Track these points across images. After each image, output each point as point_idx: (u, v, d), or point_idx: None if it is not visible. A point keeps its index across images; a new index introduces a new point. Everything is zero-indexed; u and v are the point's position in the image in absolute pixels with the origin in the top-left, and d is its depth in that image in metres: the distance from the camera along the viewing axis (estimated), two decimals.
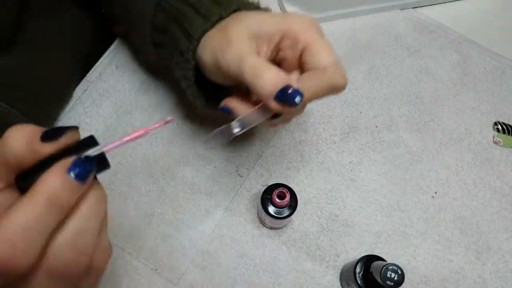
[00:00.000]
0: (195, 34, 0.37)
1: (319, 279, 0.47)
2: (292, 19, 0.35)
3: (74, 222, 0.23)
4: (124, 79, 0.54)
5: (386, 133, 0.54)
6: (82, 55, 0.55)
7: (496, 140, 0.55)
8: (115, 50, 0.56)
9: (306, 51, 0.35)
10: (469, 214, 0.51)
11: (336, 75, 0.34)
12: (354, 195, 0.51)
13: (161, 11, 0.40)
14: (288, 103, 0.32)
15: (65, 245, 0.22)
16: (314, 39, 0.34)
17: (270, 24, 0.35)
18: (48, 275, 0.22)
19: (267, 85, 0.32)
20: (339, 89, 0.35)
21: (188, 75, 0.39)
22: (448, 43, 0.60)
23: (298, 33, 0.35)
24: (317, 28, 0.36)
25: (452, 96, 0.57)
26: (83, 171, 0.22)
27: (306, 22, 0.35)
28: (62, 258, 0.23)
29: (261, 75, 0.32)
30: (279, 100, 0.32)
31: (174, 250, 0.47)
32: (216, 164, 0.51)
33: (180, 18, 0.38)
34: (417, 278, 0.48)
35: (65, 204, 0.22)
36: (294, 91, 0.32)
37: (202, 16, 0.37)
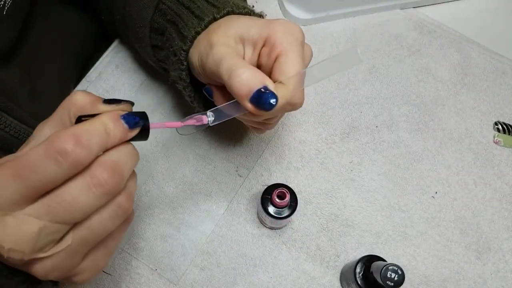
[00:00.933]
0: (189, 34, 0.37)
1: (319, 279, 0.47)
2: (274, 26, 0.35)
3: (121, 149, 0.28)
4: (124, 79, 0.54)
5: (386, 133, 0.54)
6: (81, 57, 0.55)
7: (497, 140, 0.55)
8: (115, 50, 0.56)
9: (277, 60, 0.34)
10: (470, 214, 0.51)
11: (294, 92, 0.33)
12: (354, 195, 0.51)
13: (159, 13, 0.40)
14: (263, 106, 0.32)
15: (112, 160, 0.27)
16: (287, 50, 0.34)
17: (255, 29, 0.35)
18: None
19: (242, 86, 0.32)
20: (295, 106, 0.34)
21: (182, 76, 0.39)
22: (448, 43, 0.60)
23: (276, 40, 0.34)
24: (297, 38, 0.35)
25: (452, 96, 0.57)
26: (132, 120, 0.28)
27: (287, 30, 0.34)
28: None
29: (237, 76, 0.32)
30: (254, 102, 0.32)
31: (174, 250, 0.47)
32: (216, 164, 0.51)
33: (176, 19, 0.39)
34: (418, 278, 0.48)
35: (114, 137, 0.27)
36: (269, 94, 0.32)
37: (197, 17, 0.37)
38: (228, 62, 0.33)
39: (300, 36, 0.35)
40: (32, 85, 0.45)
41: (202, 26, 0.37)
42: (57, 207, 0.25)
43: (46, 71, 0.47)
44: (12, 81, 0.42)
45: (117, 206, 0.27)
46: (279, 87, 0.33)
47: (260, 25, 0.35)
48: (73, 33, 0.52)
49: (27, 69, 0.44)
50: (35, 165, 0.24)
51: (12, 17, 0.38)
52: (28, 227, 0.25)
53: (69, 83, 0.53)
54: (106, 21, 0.52)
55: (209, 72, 0.35)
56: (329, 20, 0.60)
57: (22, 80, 0.43)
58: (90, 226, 0.27)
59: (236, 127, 0.52)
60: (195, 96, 0.41)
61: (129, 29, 0.46)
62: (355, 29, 0.60)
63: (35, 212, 0.25)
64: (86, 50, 0.56)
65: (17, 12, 0.39)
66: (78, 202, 0.25)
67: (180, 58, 0.38)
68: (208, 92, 0.39)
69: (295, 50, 0.34)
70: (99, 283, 0.45)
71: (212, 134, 0.52)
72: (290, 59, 0.33)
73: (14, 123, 0.42)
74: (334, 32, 0.60)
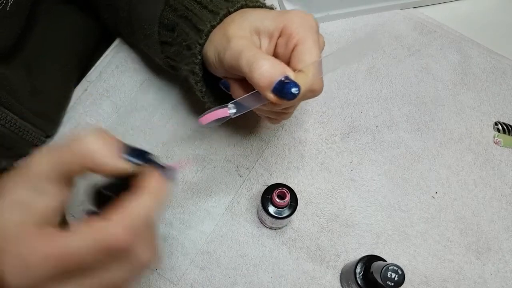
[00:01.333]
0: (204, 28, 0.37)
1: (319, 279, 0.47)
2: (290, 17, 0.35)
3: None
4: (124, 79, 0.54)
5: (386, 133, 0.54)
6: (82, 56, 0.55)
7: (497, 140, 0.55)
8: (115, 50, 0.56)
9: (294, 50, 0.35)
10: (470, 214, 0.51)
11: (314, 79, 0.34)
12: (355, 195, 0.51)
13: (170, 9, 0.41)
14: (285, 95, 0.32)
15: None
16: (304, 39, 0.35)
17: (270, 21, 0.36)
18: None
19: (264, 78, 0.32)
20: (315, 93, 0.35)
21: (195, 70, 0.40)
22: (448, 42, 0.60)
23: (292, 30, 0.35)
24: (313, 27, 0.36)
25: (452, 96, 0.57)
26: (171, 175, 0.28)
27: (303, 20, 0.35)
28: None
29: (258, 68, 0.33)
30: (276, 92, 0.33)
31: (174, 250, 0.47)
32: (216, 164, 0.51)
33: (189, 14, 0.39)
34: (418, 278, 0.48)
35: (163, 197, 0.27)
36: (291, 84, 0.32)
37: (211, 11, 0.38)
38: (247, 54, 0.33)
39: (315, 25, 0.36)
40: (33, 83, 0.45)
41: (217, 20, 0.37)
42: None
43: (48, 69, 0.48)
44: (15, 78, 0.42)
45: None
46: (299, 75, 0.33)
47: (274, 16, 0.36)
48: (75, 32, 0.52)
49: (29, 67, 0.44)
50: (79, 254, 0.23)
51: (15, 14, 0.39)
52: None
53: (70, 81, 0.53)
54: (109, 21, 0.52)
55: (228, 66, 0.35)
56: (329, 20, 0.60)
57: (24, 78, 0.43)
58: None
59: (236, 127, 0.52)
60: (206, 91, 0.42)
61: (135, 26, 0.46)
62: (355, 29, 0.60)
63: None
64: (87, 49, 0.56)
65: (20, 10, 0.40)
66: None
67: (195, 52, 0.38)
68: (225, 85, 0.40)
69: (311, 39, 0.35)
70: None
71: (212, 134, 0.52)
72: (308, 48, 0.34)
73: (15, 119, 0.42)
74: (334, 32, 0.60)
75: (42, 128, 0.47)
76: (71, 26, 0.52)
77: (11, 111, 0.41)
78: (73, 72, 0.53)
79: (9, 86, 0.40)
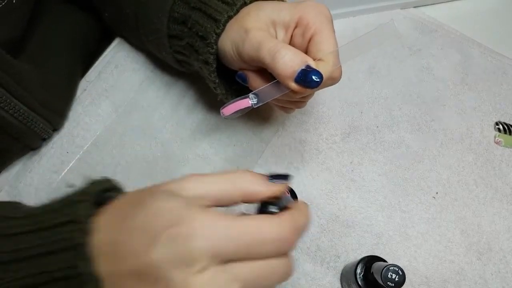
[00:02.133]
0: (222, 18, 0.38)
1: (319, 280, 0.47)
2: (305, 7, 0.36)
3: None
4: (123, 79, 0.54)
5: (387, 133, 0.54)
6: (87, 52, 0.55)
7: (498, 140, 0.55)
8: (114, 49, 0.56)
9: (312, 39, 0.36)
10: (470, 214, 0.51)
11: (334, 67, 0.35)
12: (355, 196, 0.50)
13: (181, 2, 0.41)
14: (309, 84, 0.33)
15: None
16: (321, 28, 0.36)
17: (286, 12, 0.37)
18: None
19: (287, 67, 0.33)
20: (335, 80, 0.36)
21: (210, 60, 0.40)
22: (449, 42, 0.60)
23: (309, 21, 0.36)
24: (328, 17, 0.37)
25: (453, 96, 0.57)
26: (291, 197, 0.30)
27: (318, 10, 0.36)
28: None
29: (280, 58, 0.33)
30: (299, 81, 0.34)
31: None
32: (216, 164, 0.51)
33: (201, 6, 0.39)
34: (418, 279, 0.47)
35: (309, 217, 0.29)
36: (313, 72, 0.33)
37: (226, 3, 0.39)
38: (268, 45, 0.34)
39: (329, 14, 0.37)
40: (41, 74, 0.45)
41: (234, 11, 0.38)
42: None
43: (54, 62, 0.48)
44: (23, 68, 0.42)
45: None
46: (319, 64, 0.34)
47: (289, 7, 0.37)
48: (78, 29, 0.53)
49: (36, 59, 0.45)
50: (260, 233, 0.25)
51: (20, 7, 0.39)
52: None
53: (76, 74, 0.53)
54: (110, 18, 0.52)
55: (248, 57, 0.36)
56: None
57: (32, 69, 0.44)
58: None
59: (236, 127, 0.52)
60: (219, 82, 0.42)
61: (141, 22, 0.46)
62: (355, 29, 0.60)
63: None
64: (92, 45, 0.57)
65: (25, 3, 0.40)
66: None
67: (211, 42, 0.38)
68: (241, 78, 0.40)
69: (328, 28, 0.36)
70: None
71: (212, 134, 0.52)
72: (326, 37, 0.35)
73: (23, 109, 0.42)
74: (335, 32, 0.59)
75: (49, 120, 0.47)
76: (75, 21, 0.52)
77: (20, 100, 0.41)
78: (78, 65, 0.53)
79: (18, 76, 0.41)
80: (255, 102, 0.36)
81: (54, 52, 0.48)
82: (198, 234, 0.23)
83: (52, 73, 0.48)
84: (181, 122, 0.52)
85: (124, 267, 0.24)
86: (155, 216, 0.24)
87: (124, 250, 0.24)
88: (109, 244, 0.25)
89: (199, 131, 0.52)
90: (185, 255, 0.23)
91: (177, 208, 0.25)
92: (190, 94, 0.53)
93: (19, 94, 0.41)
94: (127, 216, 0.25)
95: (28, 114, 0.43)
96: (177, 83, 0.54)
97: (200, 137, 0.52)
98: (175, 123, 0.52)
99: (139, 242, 0.24)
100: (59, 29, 0.49)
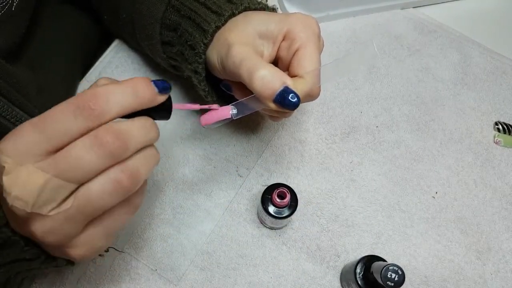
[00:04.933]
0: (210, 29, 0.38)
1: (319, 280, 0.47)
2: (294, 20, 0.36)
3: (136, 121, 0.28)
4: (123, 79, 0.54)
5: (386, 133, 0.54)
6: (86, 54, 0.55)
7: (497, 140, 0.55)
8: (114, 50, 0.56)
9: (296, 54, 0.36)
10: (470, 214, 0.51)
11: (312, 86, 0.35)
12: (355, 195, 0.51)
13: (172, 10, 0.41)
14: (287, 106, 0.33)
15: (121, 128, 0.28)
16: (306, 44, 0.35)
17: (274, 25, 0.36)
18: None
19: (264, 88, 0.33)
20: (313, 97, 0.36)
21: (198, 70, 0.40)
22: (448, 42, 0.60)
23: (295, 35, 0.35)
24: (315, 32, 0.36)
25: (452, 96, 0.57)
26: (161, 85, 0.29)
27: (306, 24, 0.36)
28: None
29: (257, 79, 0.33)
30: (277, 102, 0.34)
31: (174, 250, 0.47)
32: (216, 164, 0.51)
33: (191, 14, 0.39)
34: (418, 279, 0.47)
35: (142, 98, 0.28)
36: (291, 94, 0.33)
37: (215, 12, 0.39)
38: (248, 63, 0.34)
39: (317, 29, 0.37)
40: (40, 82, 0.45)
41: (222, 21, 0.38)
42: (62, 161, 0.26)
43: (53, 67, 0.48)
44: (22, 76, 0.42)
45: (117, 182, 0.27)
46: (298, 81, 0.34)
47: (278, 20, 0.37)
48: (78, 31, 0.53)
49: (34, 65, 0.45)
50: (55, 116, 0.26)
51: (20, 14, 0.39)
52: (35, 178, 0.26)
53: (75, 77, 0.53)
54: (109, 21, 0.52)
55: (230, 73, 0.36)
56: (329, 20, 0.60)
57: (30, 76, 0.44)
58: (89, 195, 0.27)
59: (236, 127, 0.52)
60: (209, 90, 0.42)
61: (136, 27, 0.46)
62: (355, 29, 0.60)
63: (44, 166, 0.26)
64: (91, 48, 0.57)
65: (25, 9, 0.40)
66: (80, 159, 0.26)
67: (199, 52, 0.39)
68: (226, 87, 0.40)
69: (312, 44, 0.35)
70: (99, 283, 0.45)
71: (212, 134, 0.52)
72: (309, 54, 0.35)
73: (25, 118, 0.42)
74: (334, 32, 0.60)
75: None
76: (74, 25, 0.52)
77: (22, 109, 0.41)
78: (77, 68, 0.53)
79: (18, 84, 0.41)
80: (235, 112, 0.35)
81: (54, 54, 0.48)
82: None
83: (52, 76, 0.48)
84: (181, 122, 0.52)
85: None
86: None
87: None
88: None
89: (199, 131, 0.52)
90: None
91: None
92: (191, 94, 0.53)
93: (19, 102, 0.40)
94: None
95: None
96: (178, 84, 0.54)
97: (200, 137, 0.52)
98: (175, 123, 0.52)
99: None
100: (59, 30, 0.49)
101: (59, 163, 0.26)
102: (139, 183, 0.29)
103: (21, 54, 0.43)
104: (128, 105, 0.27)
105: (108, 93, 0.27)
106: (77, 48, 0.53)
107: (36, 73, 0.45)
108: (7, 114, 0.40)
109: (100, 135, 0.26)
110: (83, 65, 0.55)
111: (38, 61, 0.45)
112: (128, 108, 0.28)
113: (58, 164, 0.26)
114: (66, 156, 0.26)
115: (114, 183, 0.27)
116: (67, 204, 0.27)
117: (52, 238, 0.28)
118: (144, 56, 0.55)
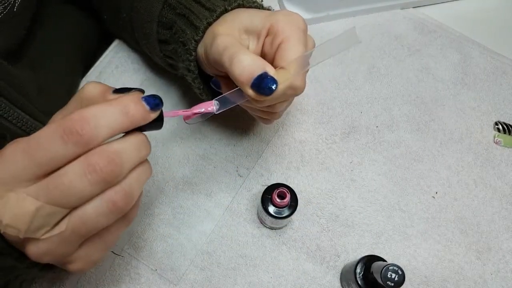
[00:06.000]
0: (201, 25, 0.38)
1: (319, 280, 0.47)
2: (278, 16, 0.36)
3: (128, 139, 0.28)
4: (123, 79, 0.54)
5: (386, 133, 0.54)
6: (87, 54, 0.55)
7: (497, 140, 0.55)
8: (114, 50, 0.56)
9: (279, 47, 0.35)
10: (470, 214, 0.51)
11: (295, 75, 0.34)
12: (355, 195, 0.51)
13: (168, 8, 0.41)
14: (263, 90, 0.33)
15: (114, 149, 0.27)
16: (289, 37, 0.35)
17: (259, 20, 0.36)
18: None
19: (243, 72, 0.33)
20: (296, 91, 0.35)
21: (190, 67, 0.40)
22: (448, 42, 0.60)
23: (278, 29, 0.35)
24: (299, 27, 0.36)
25: (452, 96, 0.57)
26: (152, 101, 0.28)
27: (289, 19, 0.36)
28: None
29: (237, 62, 0.33)
30: (254, 88, 0.33)
31: (174, 250, 0.47)
32: (216, 164, 0.51)
33: (186, 12, 0.39)
34: (418, 279, 0.47)
35: (133, 118, 0.27)
36: (269, 79, 0.32)
37: (208, 9, 0.39)
38: (230, 50, 0.34)
39: (302, 24, 0.36)
40: (40, 82, 0.45)
41: (214, 17, 0.38)
42: (54, 189, 0.25)
43: (53, 67, 0.48)
44: (23, 76, 0.42)
45: (111, 203, 0.27)
46: (280, 72, 0.34)
47: (263, 16, 0.36)
48: (78, 31, 0.53)
49: (35, 66, 0.45)
50: (43, 142, 0.25)
51: (21, 14, 0.39)
52: (26, 205, 0.25)
53: (76, 77, 0.53)
54: (109, 21, 0.52)
55: (213, 61, 0.36)
56: (329, 20, 0.60)
57: (31, 76, 0.44)
58: (84, 217, 0.27)
59: (236, 127, 0.52)
60: (203, 88, 0.42)
61: (135, 26, 0.46)
62: None
63: (35, 192, 0.25)
64: (91, 48, 0.57)
65: (26, 10, 0.40)
66: (74, 187, 0.25)
67: (190, 48, 0.39)
68: (215, 84, 0.40)
69: (296, 37, 0.35)
70: (99, 283, 0.45)
71: (212, 134, 0.52)
72: (292, 45, 0.34)
73: (26, 118, 0.42)
74: (334, 32, 0.60)
75: None
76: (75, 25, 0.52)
77: (23, 110, 0.41)
78: (77, 68, 0.53)
79: (19, 85, 0.41)
80: (217, 107, 0.35)
81: (55, 53, 0.49)
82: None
83: (53, 76, 0.48)
84: (181, 122, 0.52)
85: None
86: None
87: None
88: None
89: (199, 131, 0.52)
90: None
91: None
92: (191, 94, 0.53)
93: (20, 103, 0.41)
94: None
95: (30, 123, 0.43)
96: (177, 83, 0.54)
97: (200, 137, 0.52)
98: (175, 123, 0.52)
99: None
100: (59, 30, 0.49)
101: (51, 191, 0.25)
102: (133, 201, 0.28)
103: (21, 54, 0.43)
104: (118, 126, 0.27)
105: (97, 117, 0.26)
106: (77, 48, 0.53)
107: (37, 73, 0.45)
108: (8, 115, 0.40)
109: (93, 161, 0.25)
110: (83, 65, 0.55)
111: (38, 61, 0.46)
112: (118, 130, 0.27)
113: (50, 192, 0.25)
114: (58, 184, 0.25)
115: (109, 205, 0.27)
116: (61, 227, 0.27)
117: (48, 259, 0.28)
118: (144, 56, 0.55)
